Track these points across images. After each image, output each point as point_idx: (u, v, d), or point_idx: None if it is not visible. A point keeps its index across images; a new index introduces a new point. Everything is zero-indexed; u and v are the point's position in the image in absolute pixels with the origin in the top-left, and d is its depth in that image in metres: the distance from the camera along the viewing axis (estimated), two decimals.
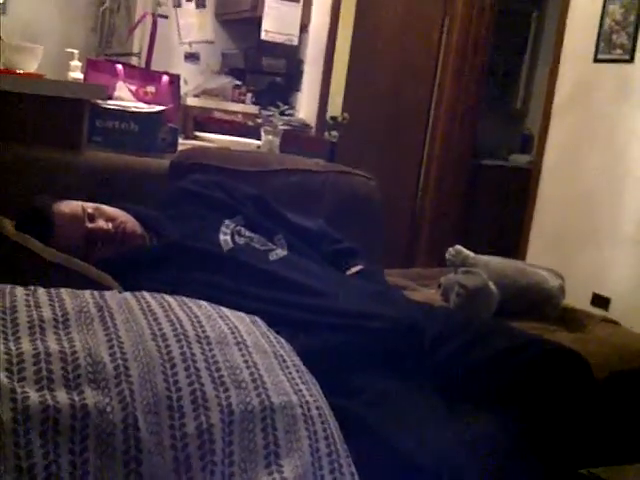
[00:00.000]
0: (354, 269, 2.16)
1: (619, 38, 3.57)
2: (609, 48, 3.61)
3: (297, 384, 1.18)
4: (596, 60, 3.71)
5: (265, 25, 4.48)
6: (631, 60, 3.52)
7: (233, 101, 4.62)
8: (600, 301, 3.54)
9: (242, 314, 1.31)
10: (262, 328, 1.30)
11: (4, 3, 5.14)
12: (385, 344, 1.71)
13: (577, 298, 3.05)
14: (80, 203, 1.94)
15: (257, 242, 2.02)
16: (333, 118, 4.84)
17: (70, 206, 1.92)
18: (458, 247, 2.43)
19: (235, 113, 4.42)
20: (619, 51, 3.57)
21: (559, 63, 3.94)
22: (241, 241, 2.00)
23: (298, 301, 1.77)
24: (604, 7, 3.62)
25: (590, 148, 3.73)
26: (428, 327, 1.79)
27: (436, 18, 4.47)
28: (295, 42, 4.59)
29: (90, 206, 1.93)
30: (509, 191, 4.64)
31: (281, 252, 2.03)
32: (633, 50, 3.50)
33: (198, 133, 3.63)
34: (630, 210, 3.49)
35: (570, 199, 3.87)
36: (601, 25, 3.65)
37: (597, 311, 3.35)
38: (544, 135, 4.02)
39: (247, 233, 2.04)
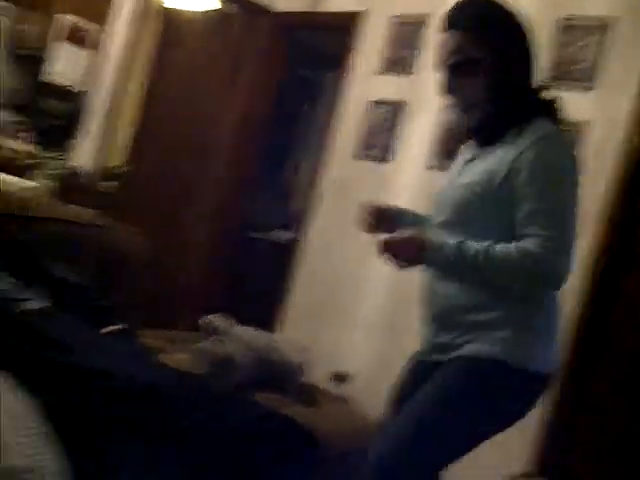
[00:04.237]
0: (110, 327, 2.17)
1: (378, 140, 3.96)
2: (368, 147, 3.98)
3: (28, 448, 1.18)
4: (356, 156, 4.06)
5: (52, 67, 4.40)
6: (387, 160, 3.90)
7: (11, 138, 4.44)
8: (339, 378, 3.78)
9: None
10: (7, 387, 1.30)
11: None
12: (130, 406, 1.74)
13: (318, 374, 3.27)
14: None
15: (10, 290, 1.99)
16: (113, 168, 4.81)
17: None
18: (213, 316, 2.54)
19: (11, 150, 4.25)
20: (376, 151, 3.95)
21: (327, 153, 4.24)
22: None
23: (46, 355, 1.75)
24: (368, 110, 4.00)
25: (346, 234, 4.02)
26: (174, 392, 1.85)
27: (225, 94, 4.65)
28: (82, 89, 4.55)
29: None
30: (272, 265, 4.83)
31: (37, 303, 2.01)
32: (390, 152, 3.89)
33: None
34: (371, 295, 3.80)
35: (323, 279, 4.13)
36: (364, 126, 4.01)
37: (336, 388, 3.59)
38: (308, 216, 4.29)
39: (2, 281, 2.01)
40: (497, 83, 1.67)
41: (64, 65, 4.42)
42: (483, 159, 1.69)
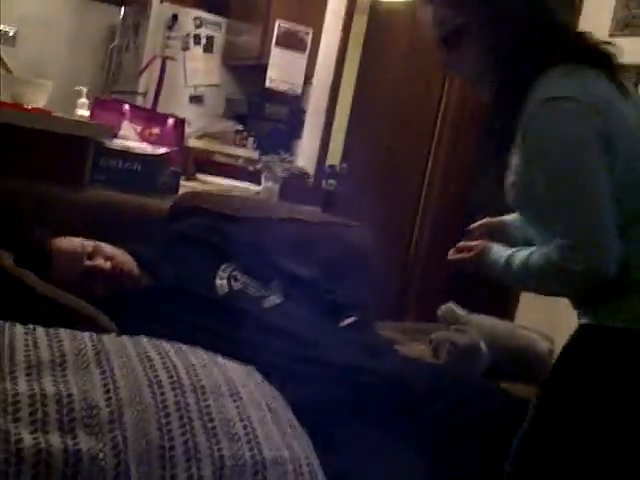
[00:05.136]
0: (347, 320, 2.17)
1: None
2: None
3: (289, 439, 1.18)
4: None
5: (270, 73, 4.54)
6: None
7: (234, 145, 4.66)
8: None
9: (238, 364, 1.32)
10: (257, 379, 1.31)
11: (14, 36, 5.22)
12: (373, 399, 1.72)
13: None
14: (80, 240, 1.95)
15: (252, 288, 2.04)
16: (331, 167, 4.89)
17: (70, 242, 1.94)
18: (451, 305, 2.45)
19: (236, 157, 4.46)
20: None
21: None
22: (237, 286, 2.01)
23: (290, 350, 1.78)
24: None
25: None
26: (416, 383, 1.80)
27: (437, 80, 4.55)
28: (299, 91, 4.65)
29: (89, 244, 1.95)
30: None
31: (276, 299, 2.04)
32: None
33: (199, 175, 3.66)
34: None
35: None
36: None
37: None
38: None
39: (243, 279, 2.06)
40: (495, 44, 1.42)
41: (282, 70, 4.55)
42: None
